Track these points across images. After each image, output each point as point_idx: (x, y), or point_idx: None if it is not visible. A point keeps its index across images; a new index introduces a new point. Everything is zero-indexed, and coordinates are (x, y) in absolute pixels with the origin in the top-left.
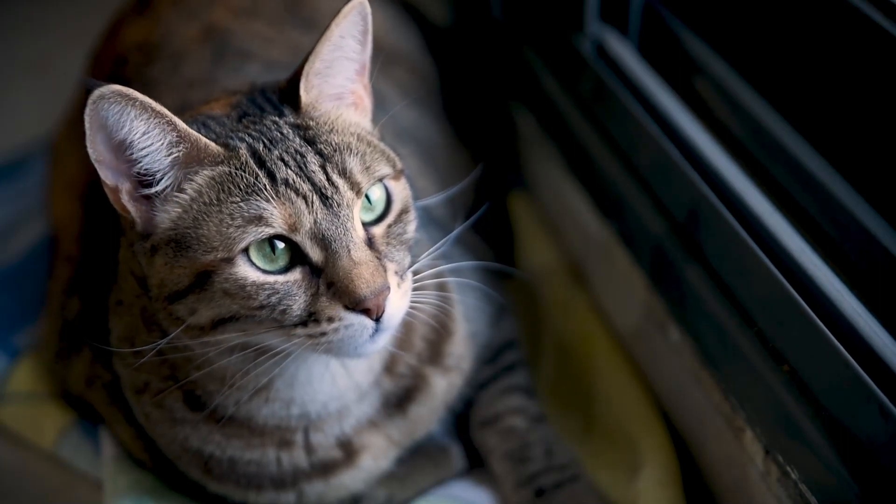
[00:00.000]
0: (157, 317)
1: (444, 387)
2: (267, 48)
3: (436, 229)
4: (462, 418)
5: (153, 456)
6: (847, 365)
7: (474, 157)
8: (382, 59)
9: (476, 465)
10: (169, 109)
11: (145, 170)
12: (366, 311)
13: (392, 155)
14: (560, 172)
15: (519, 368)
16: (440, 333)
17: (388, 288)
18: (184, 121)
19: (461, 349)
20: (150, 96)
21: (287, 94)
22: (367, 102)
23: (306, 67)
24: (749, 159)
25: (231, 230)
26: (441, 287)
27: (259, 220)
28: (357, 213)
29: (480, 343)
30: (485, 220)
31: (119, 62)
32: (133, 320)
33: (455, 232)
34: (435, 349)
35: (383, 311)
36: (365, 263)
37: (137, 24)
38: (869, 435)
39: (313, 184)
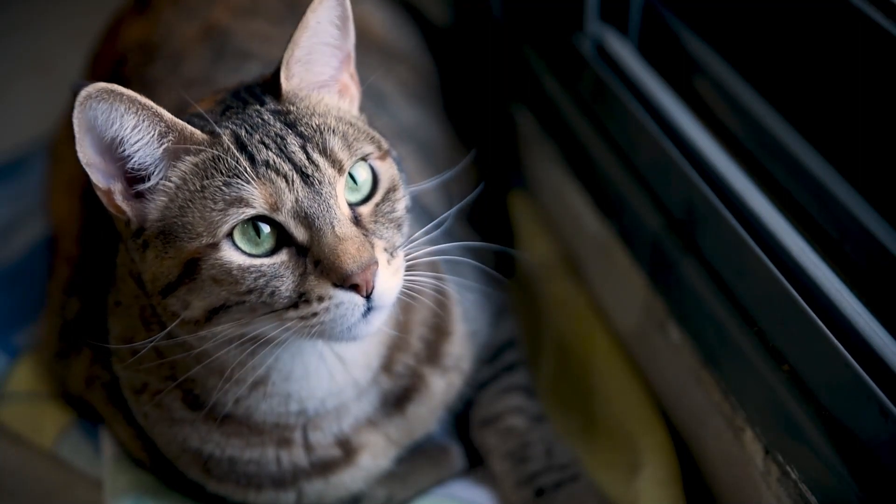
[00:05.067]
0: (156, 310)
1: (442, 387)
2: (267, 47)
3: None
4: (462, 418)
5: (152, 455)
6: (847, 365)
7: (474, 156)
8: (382, 58)
9: (476, 465)
10: (168, 109)
11: (138, 165)
12: (355, 288)
13: (377, 136)
14: (560, 172)
15: (519, 368)
16: (438, 334)
17: (376, 262)
18: None
19: (460, 349)
20: (150, 96)
21: (270, 85)
22: (354, 91)
23: (286, 55)
24: (749, 159)
25: (214, 214)
26: (435, 269)
27: (240, 201)
28: (340, 191)
29: (480, 343)
30: (484, 220)
31: (119, 62)
32: (131, 321)
33: (449, 212)
34: (433, 349)
35: (373, 288)
36: (350, 239)
37: (137, 23)
38: (869, 435)
39: (293, 163)
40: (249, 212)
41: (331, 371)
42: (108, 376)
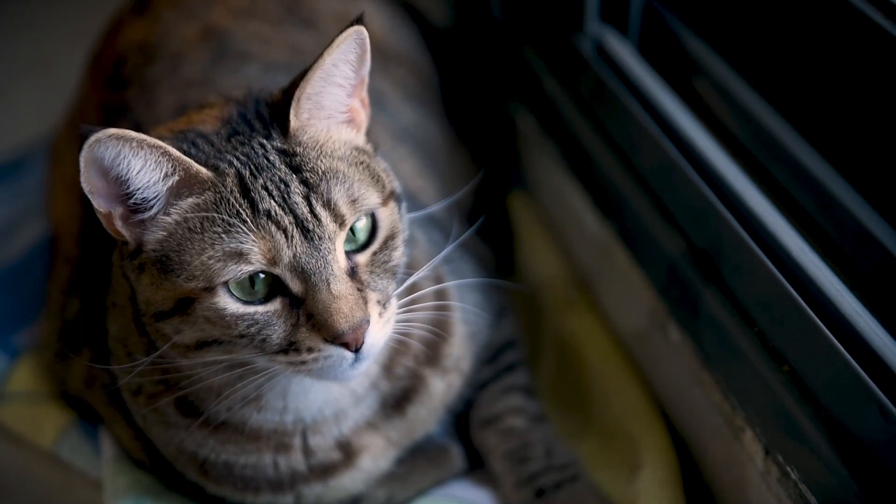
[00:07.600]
0: (146, 328)
1: (442, 388)
2: (266, 49)
3: (433, 229)
4: (462, 418)
5: (152, 456)
6: (847, 365)
7: (474, 157)
8: (382, 59)
9: (476, 465)
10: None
11: (141, 199)
12: (344, 345)
13: (382, 177)
14: (560, 172)
15: (519, 368)
16: (438, 335)
17: (368, 321)
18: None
19: (459, 350)
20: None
21: (278, 112)
22: (362, 116)
23: (297, 92)
24: (749, 159)
25: (212, 262)
26: (441, 298)
27: (238, 256)
28: (340, 246)
29: (480, 343)
30: (484, 221)
31: (118, 62)
32: (126, 322)
33: (449, 247)
34: (433, 351)
35: (362, 344)
36: (344, 297)
37: (137, 24)
38: (869, 435)
39: (295, 216)
40: (247, 269)
41: (328, 385)
42: (108, 377)
